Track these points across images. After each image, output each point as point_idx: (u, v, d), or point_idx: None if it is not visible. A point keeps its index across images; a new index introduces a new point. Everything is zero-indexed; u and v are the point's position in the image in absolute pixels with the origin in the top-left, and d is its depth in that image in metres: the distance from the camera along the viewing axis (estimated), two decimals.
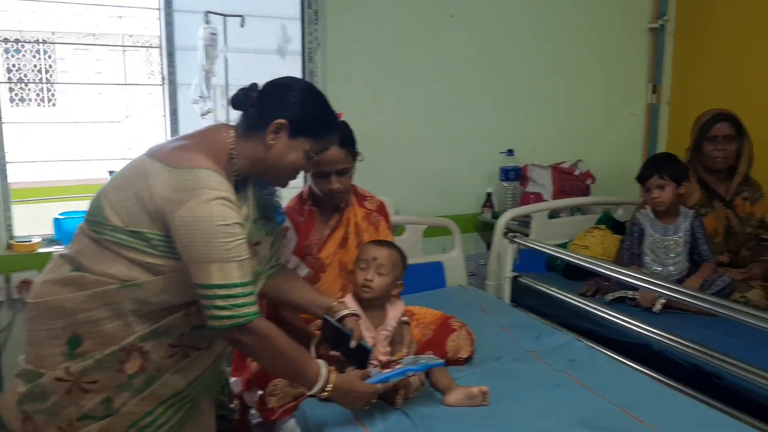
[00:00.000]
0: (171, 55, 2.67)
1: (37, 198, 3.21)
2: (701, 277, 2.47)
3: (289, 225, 1.97)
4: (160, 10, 2.69)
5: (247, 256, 1.39)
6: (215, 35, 2.52)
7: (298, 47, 2.88)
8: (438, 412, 1.67)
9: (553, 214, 3.16)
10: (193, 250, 1.34)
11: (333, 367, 1.55)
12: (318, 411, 1.65)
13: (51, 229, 2.64)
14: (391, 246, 1.88)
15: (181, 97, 2.66)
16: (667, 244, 2.57)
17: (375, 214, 2.09)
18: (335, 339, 1.71)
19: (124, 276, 1.39)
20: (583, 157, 3.34)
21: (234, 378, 1.93)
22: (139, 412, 1.42)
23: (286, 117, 1.49)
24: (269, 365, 1.56)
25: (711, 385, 1.94)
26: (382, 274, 1.81)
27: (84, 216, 1.49)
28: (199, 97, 2.49)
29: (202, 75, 2.47)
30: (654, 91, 3.64)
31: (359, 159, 1.97)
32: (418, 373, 1.69)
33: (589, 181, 3.27)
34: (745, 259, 2.70)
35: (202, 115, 2.51)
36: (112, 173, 1.56)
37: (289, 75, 1.64)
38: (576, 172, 3.25)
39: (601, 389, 1.81)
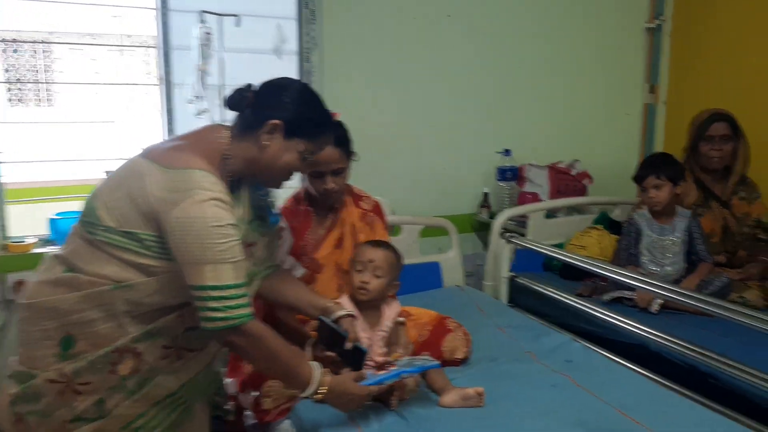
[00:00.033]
0: (167, 55, 2.66)
1: (32, 198, 3.19)
2: (698, 277, 2.47)
3: (284, 225, 1.96)
4: (157, 10, 2.68)
5: (241, 258, 1.38)
6: (210, 35, 2.52)
7: (295, 47, 2.87)
8: (433, 413, 1.66)
9: (550, 214, 3.16)
10: (186, 251, 1.33)
11: (327, 370, 1.55)
12: (313, 412, 1.64)
13: (47, 230, 2.63)
14: (387, 247, 1.87)
15: (178, 97, 2.65)
16: (664, 244, 2.57)
17: (371, 214, 2.09)
18: (331, 340, 1.71)
19: (117, 277, 1.39)
20: (580, 157, 3.34)
21: (229, 379, 1.92)
22: (132, 413, 1.41)
23: (281, 118, 1.48)
24: (262, 367, 1.55)
25: (707, 386, 1.94)
26: (378, 276, 1.81)
27: (78, 216, 1.48)
28: (195, 96, 2.48)
29: (197, 75, 2.47)
30: (651, 90, 3.64)
31: (355, 159, 1.97)
32: (413, 375, 1.68)
33: (585, 181, 3.27)
34: (742, 259, 2.70)
35: (197, 115, 2.51)
36: (109, 173, 1.55)
37: (285, 75, 1.63)
38: (573, 172, 3.25)
39: (597, 390, 1.80)
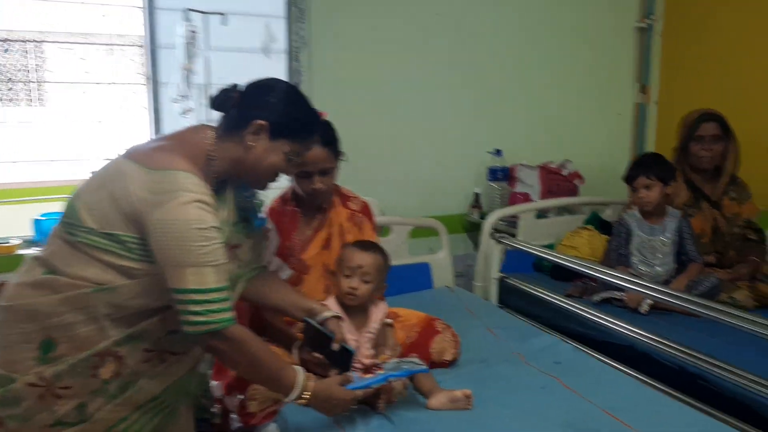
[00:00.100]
0: (154, 53, 2.64)
1: (18, 198, 3.15)
2: (687, 277, 2.46)
3: (271, 226, 1.94)
4: (144, 8, 2.66)
5: (224, 261, 1.36)
6: (195, 33, 2.49)
7: (284, 46, 2.85)
8: (421, 416, 1.65)
9: (541, 214, 3.15)
10: (168, 254, 1.31)
11: (312, 375, 1.53)
12: (299, 416, 1.62)
13: (32, 231, 2.60)
14: (375, 250, 1.85)
15: (165, 96, 2.63)
16: (654, 244, 2.56)
17: (359, 214, 2.07)
18: (317, 342, 1.69)
19: (98, 279, 1.36)
20: (571, 157, 3.33)
21: (215, 382, 1.89)
22: (114, 418, 1.38)
23: (267, 118, 1.47)
24: (245, 372, 1.53)
25: (696, 387, 1.94)
26: (367, 281, 1.79)
27: (59, 218, 1.46)
28: (180, 96, 2.46)
29: (182, 74, 2.44)
30: (642, 90, 3.64)
31: (343, 159, 1.95)
32: (400, 378, 1.66)
33: (577, 181, 3.26)
34: (731, 259, 2.69)
35: (182, 114, 2.49)
36: (92, 174, 1.52)
37: (273, 75, 1.61)
38: (564, 172, 3.24)
39: (586, 392, 1.79)
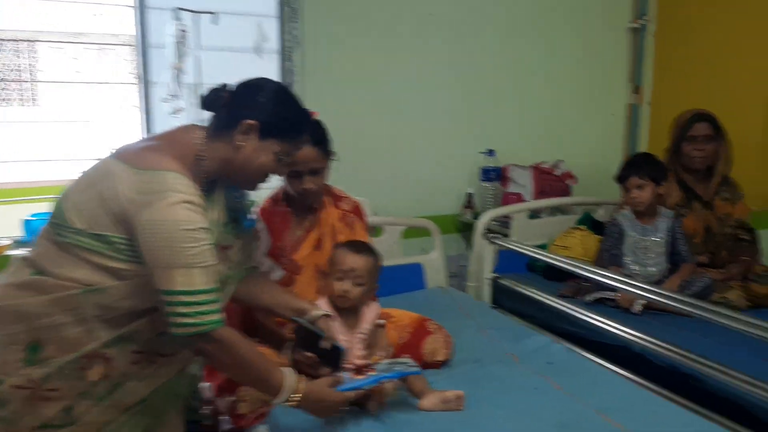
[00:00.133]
0: (145, 53, 2.62)
1: (8, 199, 3.13)
2: (680, 277, 2.46)
3: (262, 226, 1.93)
4: (135, 7, 2.64)
5: (212, 263, 1.35)
6: (185, 32, 2.48)
7: (276, 46, 2.84)
8: (412, 417, 1.64)
9: (534, 214, 3.15)
10: (156, 255, 1.30)
11: (303, 376, 1.52)
12: (290, 417, 1.61)
13: (22, 231, 2.58)
14: (367, 252, 1.84)
15: (156, 96, 2.61)
16: (646, 244, 2.56)
17: (351, 215, 2.06)
18: (308, 341, 1.68)
19: (87, 280, 1.35)
20: (563, 158, 3.33)
21: (206, 383, 1.88)
22: (102, 420, 1.37)
23: (256, 118, 1.46)
24: (233, 374, 1.52)
25: (689, 387, 1.93)
26: (359, 284, 1.79)
27: (48, 218, 1.44)
28: (170, 95, 2.45)
29: (172, 73, 2.43)
30: (636, 91, 3.64)
31: (334, 159, 1.94)
32: (392, 380, 1.66)
33: (569, 181, 3.26)
34: (723, 259, 2.69)
35: (172, 114, 2.47)
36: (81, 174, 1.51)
37: (265, 75, 1.60)
38: (556, 172, 3.24)
39: (579, 392, 1.79)
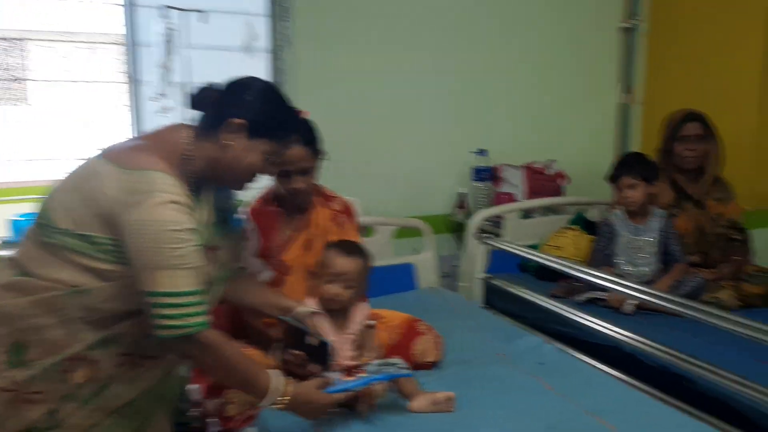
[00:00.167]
0: (134, 51, 2.60)
1: None
2: (671, 278, 2.46)
3: (251, 226, 1.92)
4: (124, 6, 2.62)
5: (199, 264, 1.33)
6: (173, 30, 2.46)
7: (266, 44, 2.82)
8: (402, 419, 1.62)
9: (526, 214, 3.14)
10: (141, 256, 1.28)
11: (291, 378, 1.50)
12: (279, 420, 1.59)
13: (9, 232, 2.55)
14: (357, 255, 1.82)
15: (145, 94, 2.59)
16: (638, 244, 2.56)
17: (341, 215, 2.04)
18: (295, 339, 1.68)
19: (72, 281, 1.33)
20: (556, 157, 3.32)
21: (195, 385, 1.86)
22: (87, 423, 1.35)
23: (244, 117, 1.44)
24: (219, 377, 1.51)
25: (681, 388, 1.93)
26: (350, 287, 1.77)
27: (33, 218, 1.42)
28: (158, 94, 2.42)
29: (159, 72, 2.41)
30: (628, 91, 3.64)
31: (324, 158, 1.92)
32: (382, 382, 1.64)
33: (561, 181, 3.25)
34: (715, 259, 2.69)
35: (160, 112, 2.45)
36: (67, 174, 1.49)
37: (255, 74, 1.58)
38: (548, 172, 3.23)
39: (569, 393, 1.78)
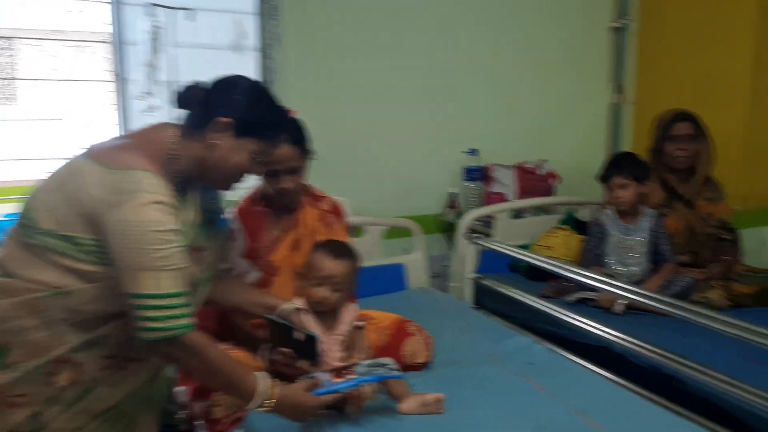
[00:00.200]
0: (121, 50, 2.57)
1: None
2: (661, 278, 2.46)
3: (238, 227, 1.90)
4: (111, 3, 2.59)
5: (183, 265, 1.31)
6: (159, 28, 2.43)
7: (255, 43, 2.80)
8: (392, 421, 1.61)
9: (517, 214, 3.13)
10: (124, 257, 1.26)
11: (278, 381, 1.49)
12: (266, 422, 1.57)
13: None
14: (346, 256, 1.79)
15: (131, 93, 2.57)
16: (629, 244, 2.56)
17: (330, 215, 2.02)
18: (282, 337, 1.66)
19: (55, 283, 1.31)
20: (546, 157, 3.31)
21: (181, 387, 1.84)
22: (71, 427, 1.34)
23: (231, 116, 1.42)
24: (204, 380, 1.49)
25: (671, 388, 1.93)
26: (338, 290, 1.76)
27: (16, 219, 1.40)
28: (144, 93, 2.40)
29: (145, 70, 2.38)
30: (619, 91, 3.64)
31: (313, 157, 1.91)
32: (371, 383, 1.63)
33: (552, 181, 3.25)
34: (705, 259, 2.70)
35: (146, 111, 2.43)
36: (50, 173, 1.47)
37: (243, 72, 1.56)
38: (539, 172, 3.23)
39: (559, 394, 1.77)
